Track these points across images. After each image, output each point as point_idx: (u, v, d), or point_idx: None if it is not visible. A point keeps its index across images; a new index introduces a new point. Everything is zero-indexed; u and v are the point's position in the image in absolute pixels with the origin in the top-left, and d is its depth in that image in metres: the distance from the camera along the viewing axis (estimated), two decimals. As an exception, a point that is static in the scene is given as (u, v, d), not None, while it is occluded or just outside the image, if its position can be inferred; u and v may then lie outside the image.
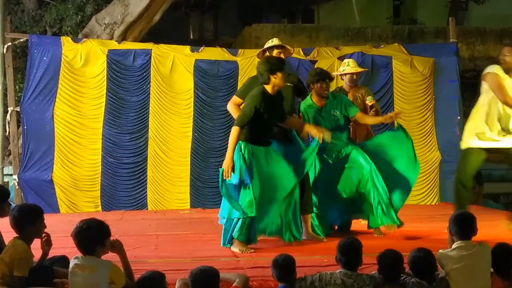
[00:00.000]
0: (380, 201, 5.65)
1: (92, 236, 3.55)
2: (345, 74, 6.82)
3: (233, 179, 5.20)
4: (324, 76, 5.82)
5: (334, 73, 7.09)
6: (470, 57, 13.40)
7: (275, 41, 5.91)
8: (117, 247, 3.70)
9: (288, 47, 5.97)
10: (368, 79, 8.92)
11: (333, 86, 8.06)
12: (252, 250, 5.18)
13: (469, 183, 5.83)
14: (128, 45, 9.14)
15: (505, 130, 5.62)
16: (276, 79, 5.25)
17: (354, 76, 6.80)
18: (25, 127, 8.52)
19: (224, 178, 5.17)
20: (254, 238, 5.28)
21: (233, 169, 5.16)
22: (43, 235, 3.90)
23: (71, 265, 3.56)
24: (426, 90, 9.39)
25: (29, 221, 3.79)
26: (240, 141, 5.23)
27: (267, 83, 5.28)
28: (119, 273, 3.58)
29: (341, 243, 3.79)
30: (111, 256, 3.71)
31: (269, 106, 5.28)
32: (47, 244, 3.91)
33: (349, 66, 6.83)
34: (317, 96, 5.85)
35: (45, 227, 3.88)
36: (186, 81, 8.90)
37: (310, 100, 5.90)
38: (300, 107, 6.00)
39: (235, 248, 5.22)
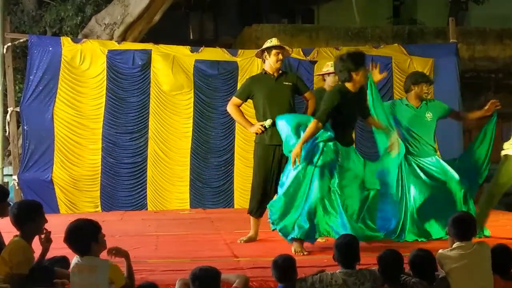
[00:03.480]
0: None
1: (82, 235, 3.55)
2: (328, 74, 6.86)
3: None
4: (427, 79, 6.12)
5: (316, 74, 7.11)
6: (470, 57, 13.37)
7: (274, 41, 5.90)
8: (123, 253, 3.70)
9: (287, 47, 5.98)
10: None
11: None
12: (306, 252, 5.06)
13: (498, 191, 5.73)
14: (128, 45, 9.14)
15: None
16: (357, 76, 5.21)
17: (336, 77, 6.86)
18: (25, 127, 8.51)
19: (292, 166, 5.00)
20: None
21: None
22: (43, 232, 3.90)
23: (71, 265, 3.56)
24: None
25: (29, 217, 3.78)
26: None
27: (349, 81, 5.24)
28: (119, 272, 3.57)
29: (337, 242, 3.81)
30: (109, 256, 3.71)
31: (349, 104, 5.17)
32: (47, 241, 3.91)
33: (332, 68, 6.87)
34: (417, 98, 6.00)
35: (46, 221, 3.87)
36: (186, 81, 8.90)
37: (406, 100, 6.05)
38: (395, 109, 6.02)
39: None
